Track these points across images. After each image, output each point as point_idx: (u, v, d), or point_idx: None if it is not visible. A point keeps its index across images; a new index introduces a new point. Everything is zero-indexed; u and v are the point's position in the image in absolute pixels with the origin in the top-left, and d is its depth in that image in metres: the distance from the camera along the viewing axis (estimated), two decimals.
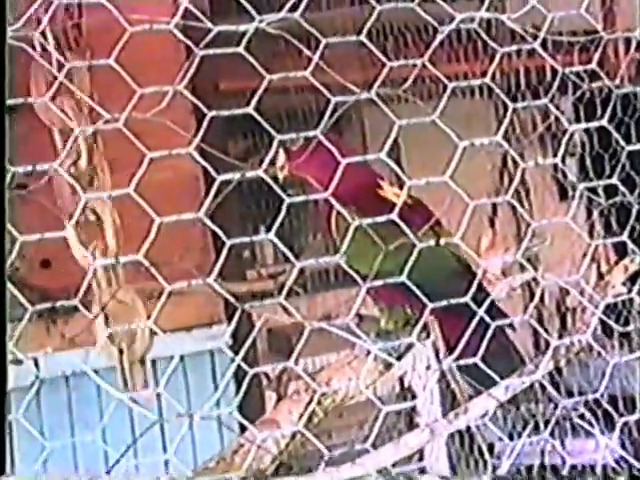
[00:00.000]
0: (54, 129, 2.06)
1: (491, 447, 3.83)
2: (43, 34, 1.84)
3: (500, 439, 4.02)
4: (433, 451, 3.73)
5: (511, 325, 1.52)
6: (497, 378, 1.38)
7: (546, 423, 3.49)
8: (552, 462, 3.68)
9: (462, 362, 1.30)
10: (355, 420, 3.45)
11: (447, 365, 1.52)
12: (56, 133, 2.07)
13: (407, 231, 1.15)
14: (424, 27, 3.38)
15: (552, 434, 3.22)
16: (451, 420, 1.40)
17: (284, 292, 1.11)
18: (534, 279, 1.97)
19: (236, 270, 3.04)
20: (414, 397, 3.88)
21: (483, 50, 3.58)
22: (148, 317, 2.08)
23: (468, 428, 1.63)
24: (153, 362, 3.08)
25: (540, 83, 3.87)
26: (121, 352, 2.17)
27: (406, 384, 3.86)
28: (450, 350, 1.56)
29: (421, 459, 3.76)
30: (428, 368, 3.72)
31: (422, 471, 3.72)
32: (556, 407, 3.45)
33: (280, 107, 3.62)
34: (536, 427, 3.68)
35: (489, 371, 1.26)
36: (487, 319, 1.21)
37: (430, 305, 1.17)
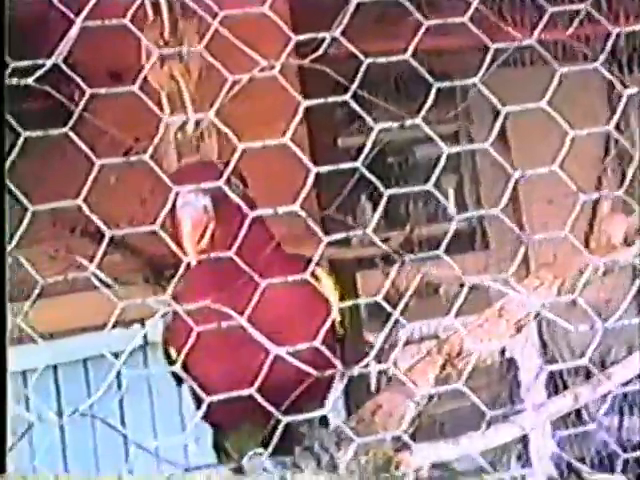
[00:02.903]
0: (162, 94, 2.04)
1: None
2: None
3: (606, 414, 3.95)
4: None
5: None
6: None
7: None
8: None
9: None
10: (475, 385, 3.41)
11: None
12: (164, 98, 2.05)
13: None
14: None
15: None
16: (595, 386, 1.36)
17: (442, 246, 1.07)
18: None
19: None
20: (516, 368, 3.83)
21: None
22: None
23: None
24: None
25: None
26: None
27: (507, 355, 3.81)
28: None
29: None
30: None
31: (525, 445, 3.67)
32: None
33: (387, 72, 3.57)
34: None
35: None
36: None
37: None
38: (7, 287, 1.07)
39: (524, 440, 3.67)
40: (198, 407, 1.26)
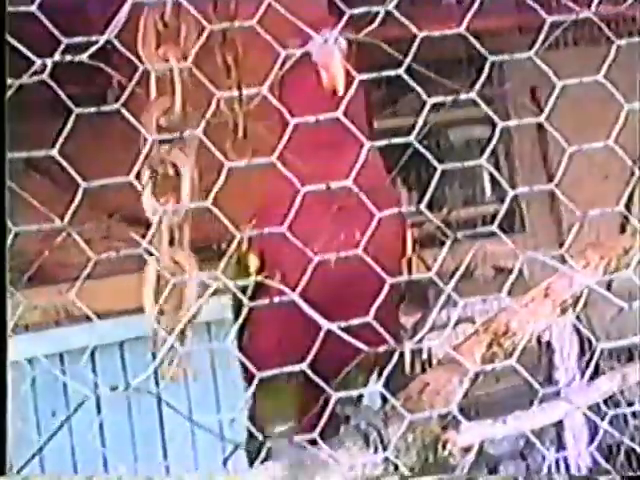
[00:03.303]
0: (151, 75, 1.98)
1: (631, 405, 3.73)
2: None
3: None
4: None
5: None
6: None
7: None
8: None
9: None
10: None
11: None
12: (152, 79, 1.99)
13: None
14: None
15: None
16: None
17: (496, 222, 1.06)
18: None
19: None
20: (552, 351, 3.81)
21: None
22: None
23: None
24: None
25: None
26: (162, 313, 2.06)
27: (544, 338, 3.79)
28: None
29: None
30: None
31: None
32: None
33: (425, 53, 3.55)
34: None
35: None
36: None
37: None
38: (7, 278, 1.06)
39: (559, 425, 3.66)
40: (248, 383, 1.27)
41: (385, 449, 1.21)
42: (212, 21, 2.58)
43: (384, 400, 1.27)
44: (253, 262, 1.26)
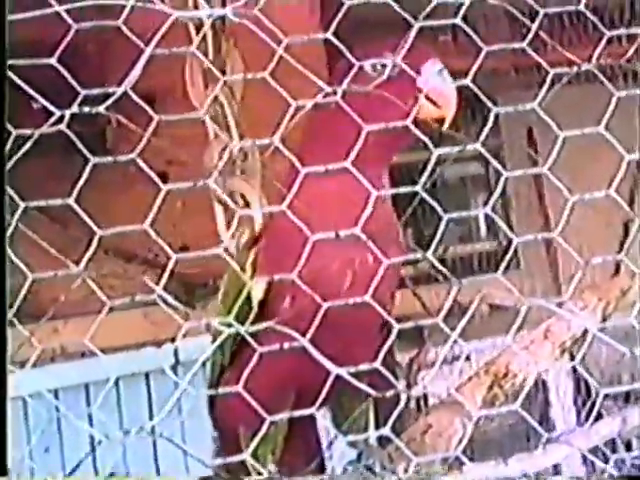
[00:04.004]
0: (206, 117, 2.04)
1: (628, 445, 3.75)
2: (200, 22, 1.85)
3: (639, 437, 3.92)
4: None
5: None
6: None
7: None
8: None
9: None
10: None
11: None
12: (208, 121, 2.05)
13: None
14: None
15: None
16: None
17: (501, 268, 1.09)
18: None
19: None
20: (546, 389, 3.82)
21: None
22: None
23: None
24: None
25: None
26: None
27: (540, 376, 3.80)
28: None
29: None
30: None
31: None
32: None
33: None
34: None
35: None
36: None
37: None
38: (7, 296, 1.07)
39: (555, 469, 3.66)
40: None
41: None
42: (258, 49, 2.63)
43: (387, 440, 1.29)
44: (257, 292, 1.24)
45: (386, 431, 0.94)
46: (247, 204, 2.09)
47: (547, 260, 3.92)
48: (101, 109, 0.93)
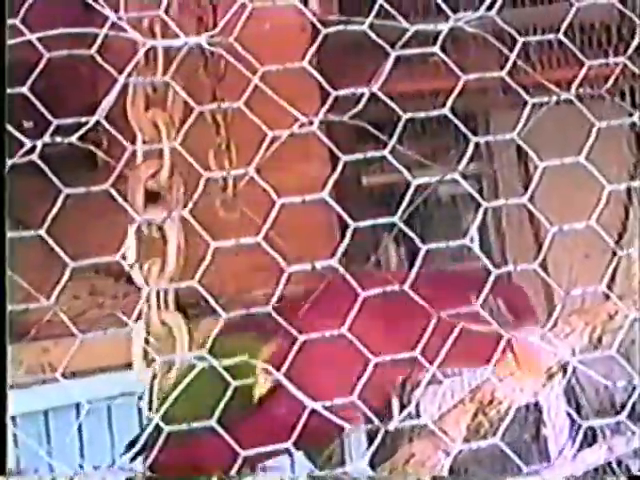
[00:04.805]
0: (139, 138, 2.00)
1: (619, 464, 3.73)
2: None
3: (636, 454, 3.91)
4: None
5: None
6: None
7: None
8: None
9: None
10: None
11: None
12: (139, 142, 2.00)
13: None
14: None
15: None
16: (629, 440, 1.35)
17: (480, 300, 1.07)
18: None
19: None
20: (539, 410, 3.81)
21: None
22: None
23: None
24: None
25: None
26: (154, 377, 2.06)
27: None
28: None
29: None
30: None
31: None
32: None
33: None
34: None
35: None
36: None
37: None
38: (7, 294, 1.06)
39: None
40: None
41: None
42: (202, 81, 2.61)
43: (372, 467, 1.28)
44: (261, 389, 1.24)
45: (363, 464, 0.93)
46: (163, 236, 2.04)
47: (540, 282, 3.90)
48: (73, 139, 0.92)
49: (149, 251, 2.04)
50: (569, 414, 3.57)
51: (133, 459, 1.38)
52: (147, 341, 1.94)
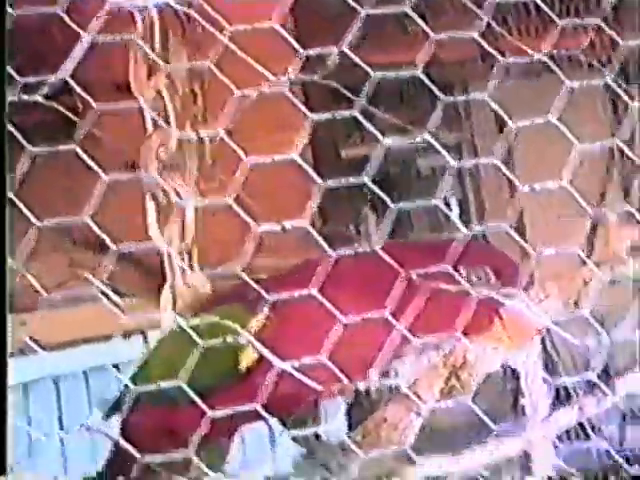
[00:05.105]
0: (146, 109, 2.02)
1: (599, 431, 3.75)
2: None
3: (608, 423, 3.94)
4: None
5: None
6: None
7: None
8: None
9: None
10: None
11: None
12: (147, 114, 2.02)
13: None
14: None
15: None
16: (600, 399, 1.36)
17: (450, 262, 1.07)
18: None
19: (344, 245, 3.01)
20: (517, 378, 3.82)
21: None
22: None
23: None
24: None
25: None
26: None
27: (509, 365, 3.81)
28: None
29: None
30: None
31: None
32: None
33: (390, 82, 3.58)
34: None
35: None
36: None
37: None
38: (7, 297, 1.06)
39: (526, 454, 3.67)
40: None
41: None
42: (179, 49, 2.60)
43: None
44: (248, 359, 1.23)
45: (333, 426, 0.93)
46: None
47: (520, 253, 3.91)
48: (39, 98, 0.91)
49: (167, 218, 2.06)
50: (545, 380, 3.60)
51: (107, 420, 1.38)
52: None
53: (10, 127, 0.96)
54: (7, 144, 0.97)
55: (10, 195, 0.95)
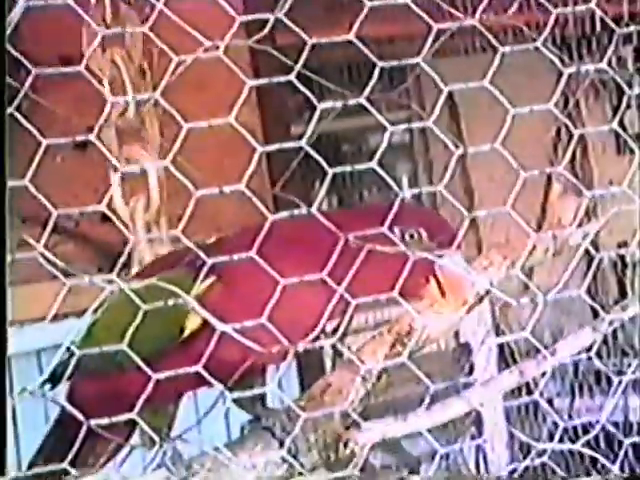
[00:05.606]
0: (104, 80, 2.03)
1: (550, 403, 3.81)
2: None
3: (559, 395, 4.00)
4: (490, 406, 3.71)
5: None
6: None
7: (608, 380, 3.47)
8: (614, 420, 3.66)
9: None
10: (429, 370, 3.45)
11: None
12: (106, 84, 2.03)
13: None
14: None
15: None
16: (539, 362, 1.38)
17: (386, 224, 1.09)
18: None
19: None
20: (470, 353, 3.87)
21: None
22: None
23: (527, 384, 1.61)
24: None
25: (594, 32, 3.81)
26: None
27: (462, 340, 3.85)
28: None
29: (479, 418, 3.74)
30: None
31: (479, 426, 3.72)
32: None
33: (339, 60, 3.59)
34: (598, 383, 3.64)
35: None
36: None
37: None
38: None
39: (478, 419, 3.72)
40: None
41: (295, 447, 1.24)
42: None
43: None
44: (192, 324, 1.23)
45: (272, 388, 0.94)
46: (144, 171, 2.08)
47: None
48: None
49: (133, 189, 2.06)
50: (501, 350, 3.65)
51: (52, 387, 1.38)
52: None
53: None
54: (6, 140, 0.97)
55: None
